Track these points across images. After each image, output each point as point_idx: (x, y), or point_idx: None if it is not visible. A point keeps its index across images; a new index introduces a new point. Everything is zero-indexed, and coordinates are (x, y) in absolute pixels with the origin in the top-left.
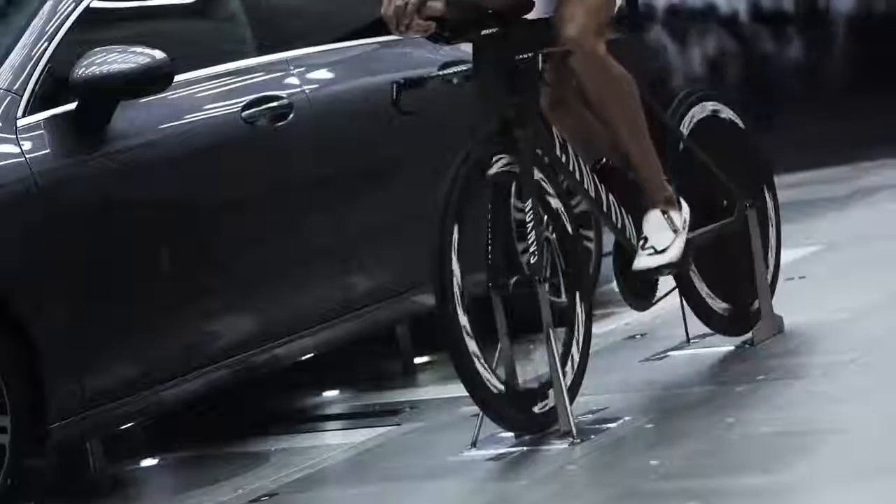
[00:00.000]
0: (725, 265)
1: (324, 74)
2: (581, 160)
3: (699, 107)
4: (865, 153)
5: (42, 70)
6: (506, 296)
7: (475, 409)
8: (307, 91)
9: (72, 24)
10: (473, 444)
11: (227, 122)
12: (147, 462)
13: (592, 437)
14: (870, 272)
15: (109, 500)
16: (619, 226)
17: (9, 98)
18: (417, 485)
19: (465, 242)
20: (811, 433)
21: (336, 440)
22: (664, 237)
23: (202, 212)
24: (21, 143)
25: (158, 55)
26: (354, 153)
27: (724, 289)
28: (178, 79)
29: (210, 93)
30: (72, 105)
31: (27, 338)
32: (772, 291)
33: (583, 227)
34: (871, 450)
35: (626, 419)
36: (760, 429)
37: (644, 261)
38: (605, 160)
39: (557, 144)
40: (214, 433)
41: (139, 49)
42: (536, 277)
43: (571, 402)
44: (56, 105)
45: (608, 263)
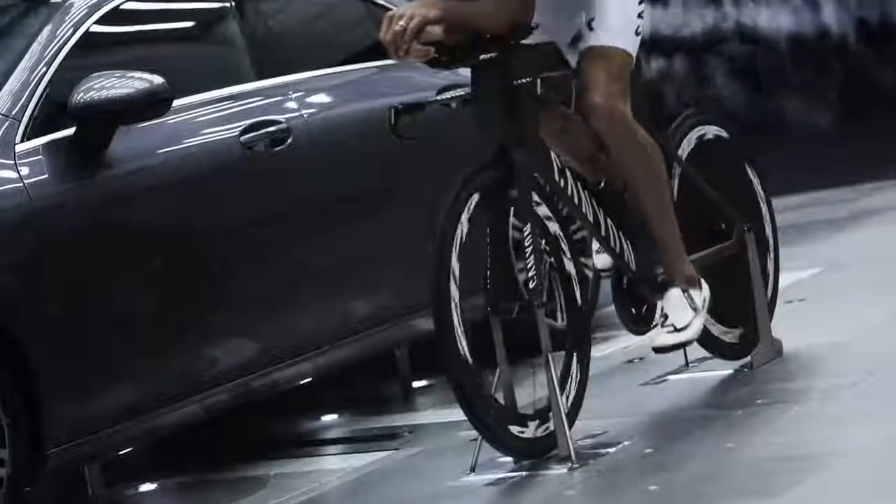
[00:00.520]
0: (724, 288)
1: (322, 99)
2: (579, 185)
3: (698, 129)
4: (865, 174)
5: (41, 95)
6: (505, 321)
7: (474, 434)
8: (305, 115)
9: (70, 49)
10: (472, 469)
11: (226, 147)
12: (146, 487)
13: (591, 462)
14: (870, 294)
15: None
16: (618, 250)
17: (7, 123)
18: None
19: (464, 267)
20: (811, 458)
21: (335, 465)
22: (684, 316)
23: (201, 236)
24: (19, 169)
25: (157, 80)
26: (353, 177)
27: (723, 312)
28: (177, 103)
29: (208, 117)
30: (70, 130)
31: (25, 362)
32: (771, 314)
33: (582, 253)
34: (872, 474)
35: (626, 444)
36: (760, 453)
37: (664, 338)
38: (604, 184)
39: (556, 169)
40: (213, 457)
41: (138, 74)
42: (535, 302)
43: (570, 427)
44: (54, 130)
45: (606, 286)
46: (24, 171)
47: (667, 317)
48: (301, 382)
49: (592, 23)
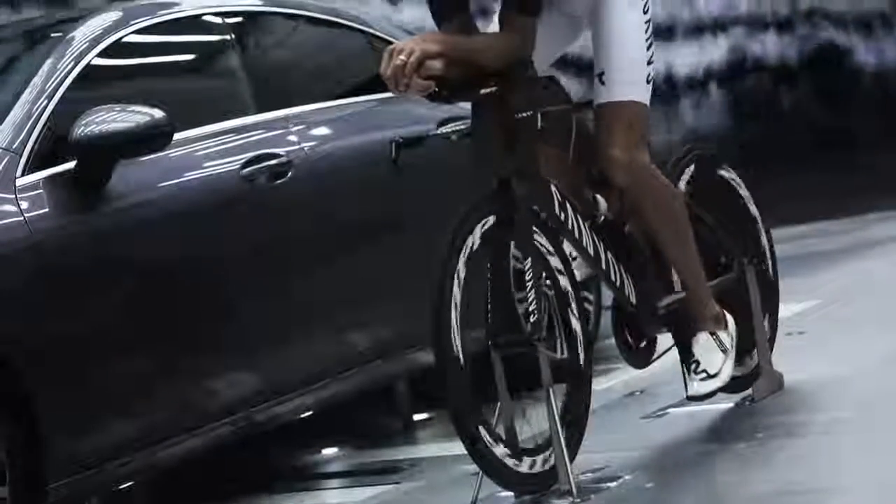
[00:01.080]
0: None
1: (323, 131)
2: (580, 218)
3: (698, 163)
4: (865, 206)
5: (42, 129)
6: (506, 355)
7: (475, 468)
8: (306, 148)
9: (72, 82)
10: (473, 503)
11: (226, 180)
12: None
13: (592, 497)
14: (871, 326)
15: None
16: (618, 284)
17: (7, 157)
18: None
19: (465, 300)
20: (812, 492)
21: (336, 498)
22: (715, 360)
23: (201, 270)
24: (20, 203)
25: (158, 114)
26: (353, 210)
27: None
28: (178, 136)
29: (209, 151)
30: (71, 163)
31: (25, 397)
32: (771, 347)
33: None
34: None
35: (627, 478)
36: (761, 488)
37: (698, 387)
38: (605, 218)
39: (556, 202)
40: (214, 492)
41: (138, 108)
42: (536, 336)
43: (571, 461)
44: (55, 163)
45: (607, 318)
46: (25, 206)
47: (698, 363)
48: (302, 416)
49: (603, 76)
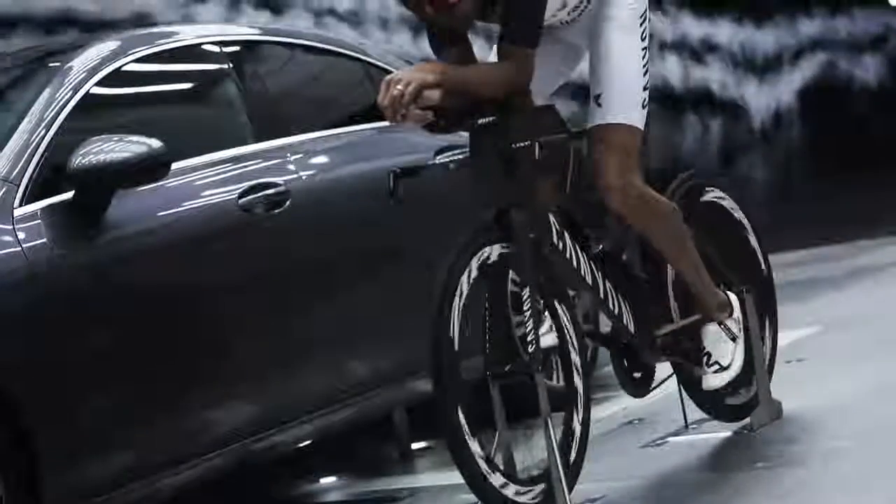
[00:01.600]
0: None
1: (321, 161)
2: (578, 247)
3: (695, 192)
4: (863, 232)
5: (39, 158)
6: (504, 385)
7: (473, 498)
8: (304, 177)
9: (70, 112)
10: None
11: (224, 210)
12: None
13: None
14: (870, 354)
15: None
16: (616, 313)
17: (5, 188)
18: None
19: (463, 330)
20: None
21: None
22: (726, 350)
23: (199, 299)
24: (17, 233)
25: (155, 144)
26: (351, 239)
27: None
28: (176, 166)
29: (207, 180)
30: (69, 193)
31: (23, 427)
32: (770, 375)
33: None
34: None
35: None
36: None
37: (712, 380)
38: (603, 247)
39: (554, 232)
40: None
41: (136, 138)
42: (534, 366)
43: (570, 490)
44: (53, 193)
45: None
46: (23, 236)
47: (710, 355)
48: (301, 445)
49: (599, 98)
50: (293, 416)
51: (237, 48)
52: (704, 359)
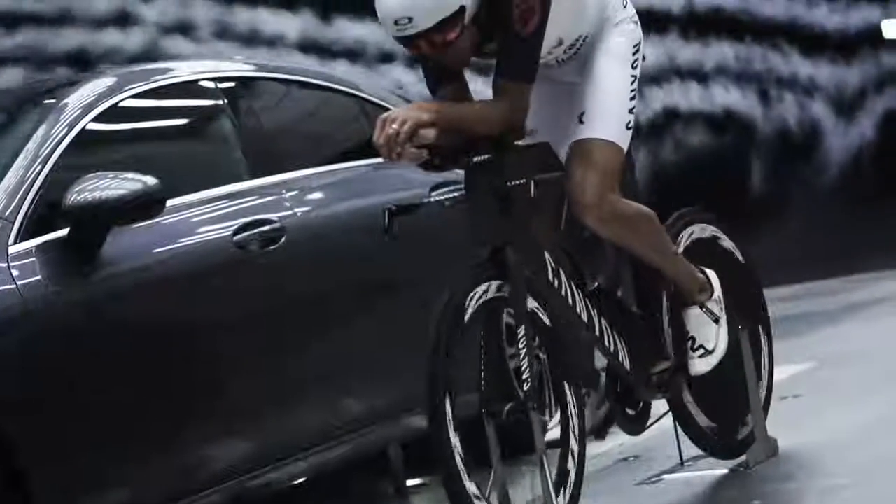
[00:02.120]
0: (718, 387)
1: (316, 197)
2: (573, 285)
3: (690, 229)
4: (856, 266)
5: (34, 195)
6: (499, 422)
7: None
8: (299, 214)
9: (65, 148)
10: None
11: (219, 247)
12: None
13: None
14: (866, 390)
15: None
16: (612, 350)
17: (0, 225)
18: None
19: (458, 367)
20: None
21: None
22: (710, 333)
23: (194, 336)
24: (12, 271)
25: (150, 181)
26: (347, 276)
27: (718, 411)
28: (171, 202)
29: (202, 217)
30: (64, 231)
31: (18, 464)
32: (766, 411)
33: None
34: None
35: None
36: None
37: (698, 365)
38: (598, 284)
39: (549, 269)
40: None
41: (131, 175)
42: (529, 404)
43: None
44: (48, 230)
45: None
46: (17, 273)
47: (694, 339)
48: (296, 482)
49: (582, 116)
50: (289, 453)
51: (232, 84)
52: (689, 343)
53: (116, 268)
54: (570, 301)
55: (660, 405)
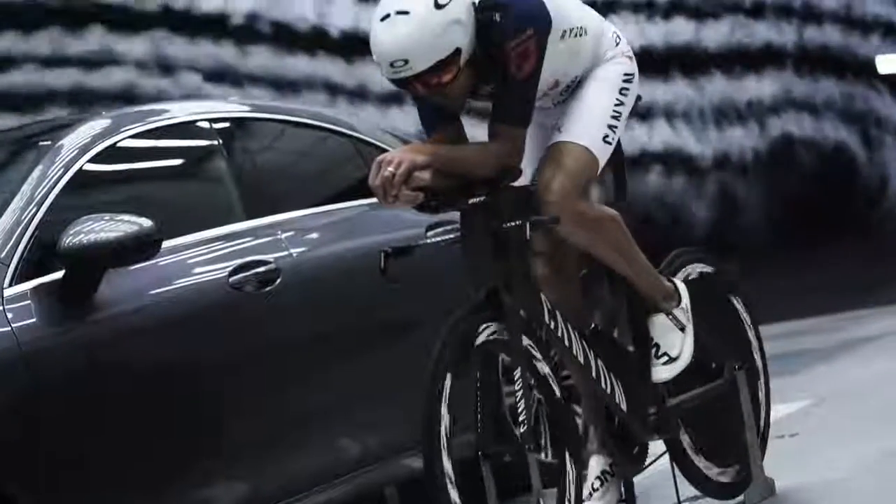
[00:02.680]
0: (715, 426)
1: (311, 238)
2: (570, 326)
3: (686, 269)
4: (851, 303)
5: (30, 238)
6: (496, 464)
7: None
8: (294, 255)
9: (61, 190)
10: None
11: (215, 289)
12: None
13: None
14: (862, 428)
15: None
16: (609, 391)
17: None
18: None
19: (454, 409)
20: None
21: None
22: (674, 340)
23: (191, 379)
24: (7, 314)
25: (146, 223)
26: (342, 317)
27: (714, 450)
28: (167, 244)
29: (198, 258)
30: (59, 273)
31: None
32: (763, 451)
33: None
34: None
35: None
36: None
37: (661, 372)
38: (595, 326)
39: (546, 311)
40: None
41: (127, 217)
42: (526, 446)
43: None
44: (44, 272)
45: None
46: (12, 316)
47: (658, 346)
48: None
49: (560, 126)
50: (286, 495)
51: (227, 125)
52: (654, 350)
53: (112, 310)
54: (567, 342)
55: (657, 445)
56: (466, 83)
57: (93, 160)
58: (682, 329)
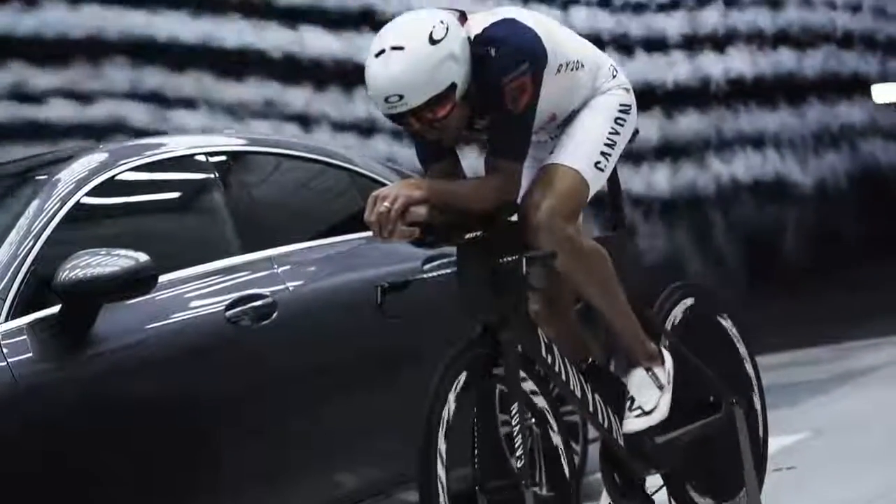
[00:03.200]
0: (712, 460)
1: (308, 271)
2: (567, 361)
3: (683, 302)
4: (849, 333)
5: (26, 272)
6: (493, 498)
7: None
8: (291, 288)
9: (57, 224)
10: None
11: (211, 323)
12: None
13: None
14: (861, 461)
15: None
16: (606, 426)
17: None
18: None
19: (452, 444)
20: None
21: None
22: (650, 396)
23: (188, 413)
24: (3, 349)
25: (142, 258)
26: (339, 350)
27: (712, 484)
28: (163, 278)
29: (194, 293)
30: (55, 308)
31: None
32: (760, 485)
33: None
34: None
35: None
36: None
37: (633, 423)
38: (591, 360)
39: (542, 346)
40: None
41: (123, 252)
42: (523, 482)
43: None
44: (40, 306)
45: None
46: (8, 352)
47: (633, 399)
48: None
49: (552, 151)
50: None
51: (224, 158)
52: (627, 403)
53: (108, 345)
54: (564, 376)
55: (655, 479)
56: (462, 118)
57: (90, 194)
58: (661, 388)
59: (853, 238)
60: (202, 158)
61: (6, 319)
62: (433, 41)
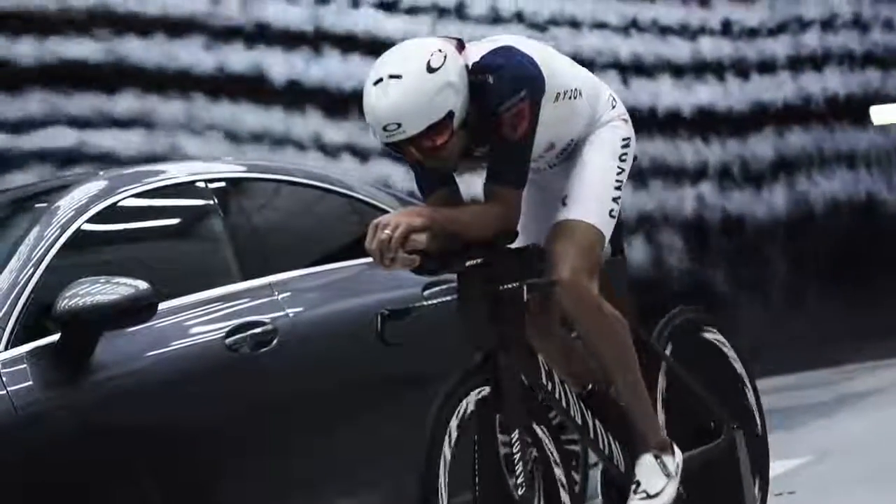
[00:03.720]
0: (713, 485)
1: (308, 298)
2: (567, 387)
3: (682, 326)
4: (850, 355)
5: (26, 300)
6: None
7: None
8: (291, 315)
9: (57, 252)
10: None
11: (211, 350)
12: None
13: None
14: (862, 485)
15: None
16: (607, 452)
17: None
18: None
19: (452, 473)
20: None
21: None
22: (657, 482)
23: (188, 441)
24: (3, 378)
25: (142, 286)
26: (340, 378)
27: None
28: (163, 306)
29: (194, 320)
30: (55, 336)
31: None
32: None
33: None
34: None
35: None
36: None
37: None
38: (592, 386)
39: (543, 372)
40: None
41: (123, 280)
42: None
43: None
44: (40, 334)
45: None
46: (8, 380)
47: (639, 483)
48: None
49: (566, 199)
50: None
51: (224, 185)
52: (634, 486)
53: (108, 373)
54: (565, 403)
55: None
56: (460, 145)
57: (90, 221)
58: (668, 476)
59: None
60: (202, 185)
61: (6, 348)
62: (431, 69)
